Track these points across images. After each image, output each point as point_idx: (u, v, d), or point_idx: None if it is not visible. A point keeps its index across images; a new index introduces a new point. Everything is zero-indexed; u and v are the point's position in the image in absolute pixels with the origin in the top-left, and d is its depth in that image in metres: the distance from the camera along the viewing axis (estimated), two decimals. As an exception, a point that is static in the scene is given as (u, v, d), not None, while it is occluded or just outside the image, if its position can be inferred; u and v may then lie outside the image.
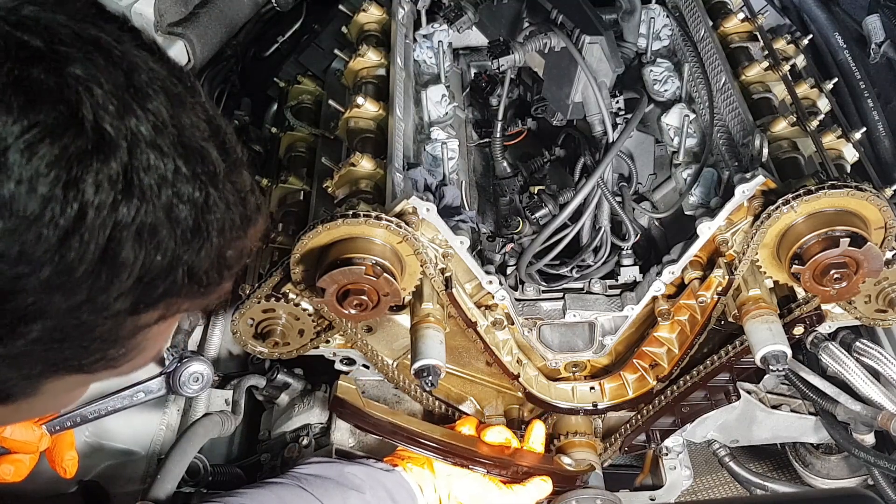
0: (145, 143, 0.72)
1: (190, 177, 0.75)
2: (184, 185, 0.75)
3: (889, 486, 2.00)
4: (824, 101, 2.03)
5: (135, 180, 0.71)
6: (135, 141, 0.72)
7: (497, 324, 1.80)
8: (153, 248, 0.74)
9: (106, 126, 0.70)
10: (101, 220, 0.70)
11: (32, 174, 0.67)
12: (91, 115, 0.70)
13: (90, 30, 0.74)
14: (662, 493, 2.10)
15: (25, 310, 0.71)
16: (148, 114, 0.73)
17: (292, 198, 1.96)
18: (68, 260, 0.70)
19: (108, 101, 0.71)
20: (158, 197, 0.73)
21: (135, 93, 0.73)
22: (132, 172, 0.71)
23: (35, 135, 0.67)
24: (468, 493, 1.66)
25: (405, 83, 1.98)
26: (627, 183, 1.99)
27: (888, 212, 1.57)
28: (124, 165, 0.71)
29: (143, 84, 0.74)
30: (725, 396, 1.94)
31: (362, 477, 1.59)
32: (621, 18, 2.13)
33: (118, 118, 0.71)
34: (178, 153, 0.74)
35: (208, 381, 1.61)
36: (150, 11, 2.11)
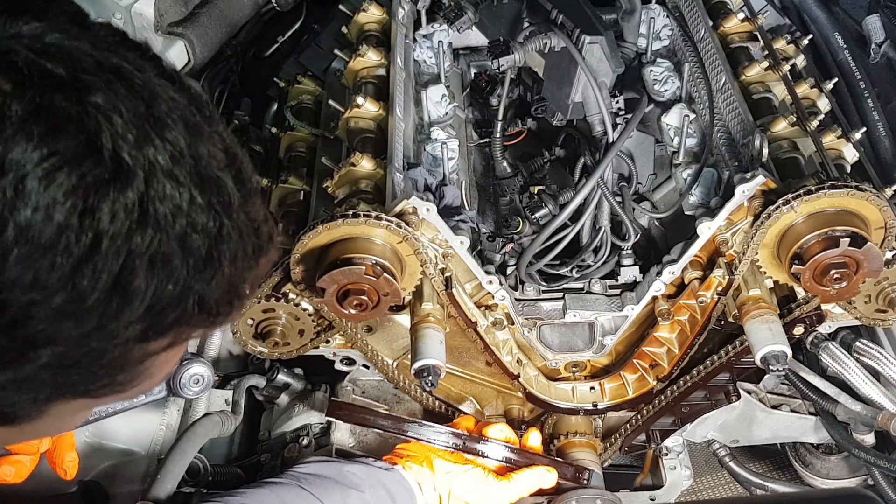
0: (162, 172, 0.73)
1: (205, 207, 0.75)
2: (198, 215, 0.75)
3: (889, 486, 2.00)
4: (824, 101, 2.03)
5: (150, 210, 0.72)
6: (152, 170, 0.72)
7: (497, 324, 1.80)
8: (165, 278, 0.74)
9: (124, 155, 0.71)
10: (115, 248, 0.70)
11: (49, 202, 0.68)
12: (110, 143, 0.70)
13: (112, 58, 0.75)
14: (662, 493, 2.10)
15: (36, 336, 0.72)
16: (166, 143, 0.74)
17: (292, 198, 1.96)
18: (81, 288, 0.70)
19: (128, 131, 0.71)
20: (173, 226, 0.73)
21: (154, 122, 0.74)
22: (148, 202, 0.72)
23: (54, 163, 0.68)
24: (468, 489, 1.65)
25: (405, 83, 1.98)
26: (627, 183, 1.99)
27: (888, 212, 1.57)
28: (140, 195, 0.71)
29: (162, 113, 0.75)
30: (725, 396, 1.95)
31: (361, 476, 1.59)
32: (621, 18, 2.13)
33: (136, 147, 0.71)
34: (195, 183, 0.75)
35: (209, 383, 1.61)
36: (150, 11, 2.11)
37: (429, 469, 1.65)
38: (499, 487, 1.67)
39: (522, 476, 1.68)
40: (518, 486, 1.68)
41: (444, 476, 1.66)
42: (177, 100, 0.77)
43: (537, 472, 1.69)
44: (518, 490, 1.68)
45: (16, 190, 0.67)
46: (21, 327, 0.71)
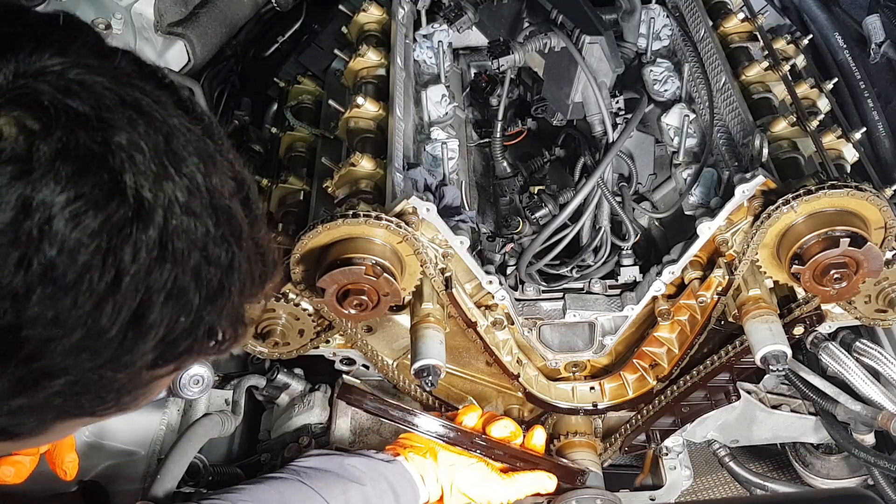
0: (180, 207, 0.74)
1: (219, 238, 0.77)
2: (213, 248, 0.76)
3: (889, 486, 1.99)
4: (824, 101, 2.03)
5: (169, 245, 0.73)
6: (170, 206, 0.73)
7: (497, 324, 1.80)
8: (179, 310, 0.76)
9: (145, 193, 0.72)
10: (135, 285, 0.72)
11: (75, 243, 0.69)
12: (133, 183, 0.71)
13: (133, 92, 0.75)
14: (662, 493, 2.10)
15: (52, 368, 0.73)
16: (183, 178, 0.75)
17: (292, 198, 1.96)
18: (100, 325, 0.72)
19: (149, 168, 0.72)
20: (189, 260, 0.75)
21: (172, 157, 0.75)
22: (167, 238, 0.73)
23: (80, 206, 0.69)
24: (471, 483, 1.64)
25: (405, 83, 1.98)
26: (627, 183, 1.99)
27: (888, 212, 1.57)
28: (160, 231, 0.72)
29: (179, 147, 0.76)
30: (725, 396, 1.95)
31: (362, 469, 1.58)
32: (621, 18, 2.13)
33: (156, 184, 0.73)
34: (209, 215, 0.76)
35: (209, 384, 1.61)
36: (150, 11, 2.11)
37: (432, 460, 1.64)
38: (501, 484, 1.66)
39: (525, 477, 1.68)
40: (520, 486, 1.68)
41: (447, 468, 1.65)
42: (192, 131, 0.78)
43: (539, 476, 1.69)
44: (519, 489, 1.68)
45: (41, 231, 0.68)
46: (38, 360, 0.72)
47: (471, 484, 1.65)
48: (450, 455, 1.65)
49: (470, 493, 1.65)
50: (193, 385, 1.60)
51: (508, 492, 1.67)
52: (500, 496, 1.67)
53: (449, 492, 1.65)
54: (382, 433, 1.96)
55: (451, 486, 1.64)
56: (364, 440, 1.95)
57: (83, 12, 2.04)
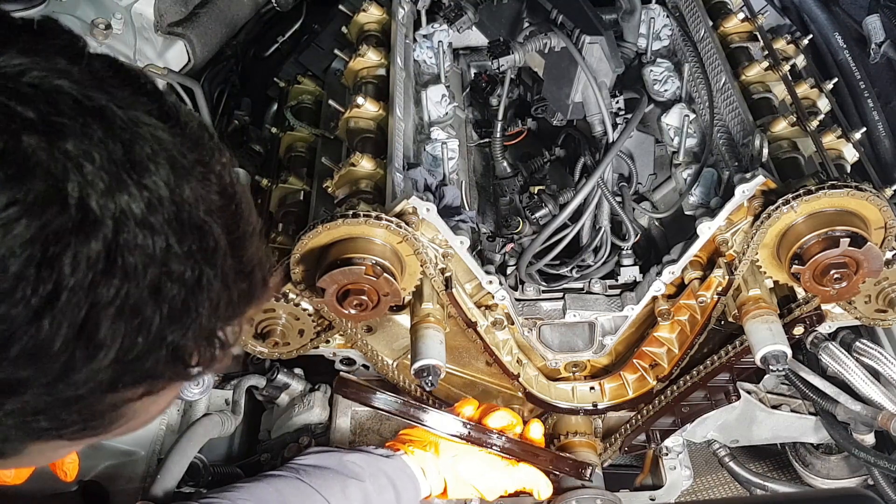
0: (135, 221, 0.70)
1: (182, 255, 0.73)
2: (175, 264, 0.72)
3: (889, 486, 1.99)
4: (824, 101, 2.03)
5: (118, 259, 0.69)
6: (123, 219, 0.69)
7: (497, 324, 1.80)
8: (135, 328, 0.72)
9: (92, 204, 0.68)
10: (76, 299, 0.68)
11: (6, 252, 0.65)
12: (77, 192, 0.67)
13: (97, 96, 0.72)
14: (662, 493, 2.10)
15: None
16: (143, 190, 0.71)
17: (292, 198, 1.96)
18: (40, 338, 0.68)
19: (98, 178, 0.68)
20: (144, 276, 0.70)
21: (132, 167, 0.70)
22: (116, 252, 0.69)
23: (13, 212, 0.65)
24: (474, 472, 1.64)
25: (405, 83, 1.98)
26: (627, 183, 1.99)
27: (888, 212, 1.57)
28: (108, 244, 0.68)
29: (143, 157, 0.71)
30: (725, 396, 1.95)
31: (362, 464, 1.58)
32: (621, 18, 2.13)
33: (107, 195, 0.68)
34: (173, 230, 0.72)
35: (209, 385, 1.62)
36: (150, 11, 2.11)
37: (433, 453, 1.64)
38: (504, 473, 1.65)
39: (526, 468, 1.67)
40: (523, 475, 1.67)
41: (449, 459, 1.64)
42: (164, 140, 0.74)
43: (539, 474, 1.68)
44: (522, 479, 1.67)
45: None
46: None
47: (474, 474, 1.64)
48: (451, 446, 1.65)
49: (473, 482, 1.65)
50: (194, 386, 1.60)
51: (512, 480, 1.67)
52: (503, 484, 1.66)
53: (453, 483, 1.64)
54: (383, 433, 1.96)
55: (453, 478, 1.64)
56: (364, 439, 1.95)
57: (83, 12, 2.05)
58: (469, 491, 1.67)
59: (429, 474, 1.63)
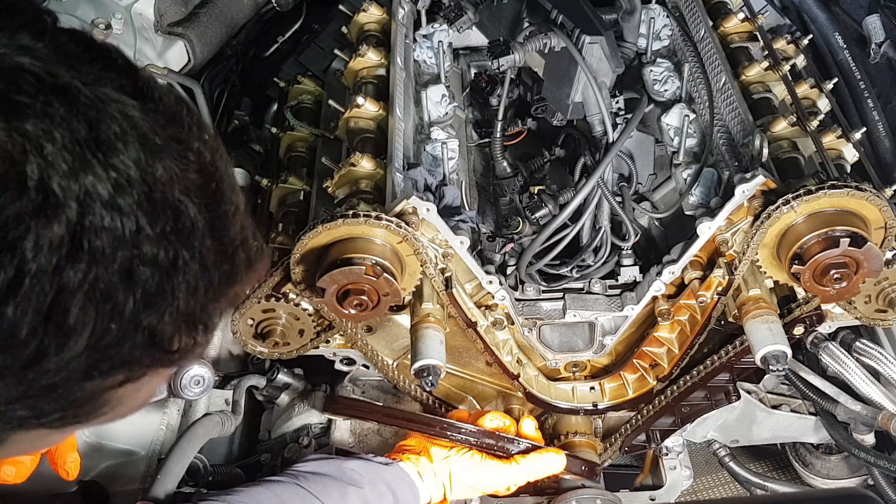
0: (101, 203, 0.67)
1: (155, 237, 0.70)
2: (147, 246, 0.70)
3: (889, 486, 1.99)
4: (824, 101, 2.03)
5: (84, 243, 0.66)
6: (88, 201, 0.66)
7: (497, 324, 1.80)
8: (106, 313, 0.69)
9: (53, 186, 0.65)
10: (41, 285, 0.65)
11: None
12: (36, 174, 0.65)
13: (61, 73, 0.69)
14: (662, 493, 2.10)
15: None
16: (109, 170, 0.68)
17: (292, 198, 1.96)
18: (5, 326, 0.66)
19: (60, 159, 0.66)
20: (113, 260, 0.68)
21: (97, 146, 0.68)
22: (81, 235, 0.66)
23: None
24: (470, 472, 1.64)
25: (405, 83, 1.98)
26: (627, 183, 1.99)
27: (888, 212, 1.57)
28: (72, 227, 0.66)
29: (110, 136, 0.69)
30: (725, 396, 1.94)
31: (361, 472, 1.58)
32: (621, 18, 2.13)
33: (70, 177, 0.66)
34: (144, 211, 0.69)
35: (209, 385, 1.61)
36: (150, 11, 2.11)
37: (426, 459, 1.64)
38: (500, 469, 1.65)
39: (528, 459, 1.66)
40: (523, 469, 1.65)
41: (443, 462, 1.64)
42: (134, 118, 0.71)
43: (546, 456, 1.67)
44: (523, 473, 1.66)
45: None
46: None
47: (468, 473, 1.64)
48: (441, 449, 1.65)
49: (469, 481, 1.64)
50: (194, 385, 1.60)
51: (510, 475, 1.65)
52: (501, 480, 1.65)
53: (450, 484, 1.64)
54: (383, 433, 1.96)
55: (449, 479, 1.64)
56: (364, 441, 1.95)
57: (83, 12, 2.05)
58: (471, 493, 1.67)
59: (426, 478, 1.63)
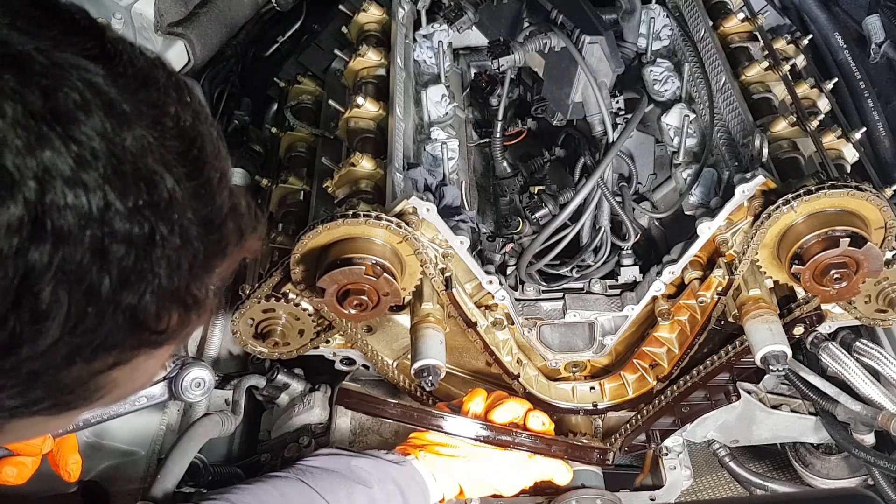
0: (62, 179, 0.63)
1: (127, 212, 0.66)
2: (118, 223, 0.65)
3: (889, 486, 1.99)
4: (824, 101, 2.03)
5: (47, 222, 0.63)
6: (46, 178, 0.62)
7: (497, 324, 1.80)
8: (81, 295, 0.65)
9: (7, 164, 0.61)
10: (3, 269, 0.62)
11: None
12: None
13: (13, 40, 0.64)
14: (662, 493, 2.10)
15: None
16: (70, 143, 0.63)
17: (292, 198, 1.96)
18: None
19: (12, 134, 0.61)
20: (81, 238, 0.64)
21: (54, 118, 0.63)
22: (43, 214, 0.62)
23: None
24: (489, 472, 1.62)
25: (405, 83, 1.98)
26: (627, 183, 1.99)
27: (888, 212, 1.57)
28: (31, 207, 0.62)
29: (70, 106, 0.64)
30: (725, 396, 1.94)
31: (370, 470, 1.55)
32: (621, 18, 2.13)
33: (25, 153, 0.62)
34: (112, 185, 0.65)
35: (210, 387, 1.61)
36: (150, 11, 2.11)
37: (444, 457, 1.62)
38: (520, 468, 1.64)
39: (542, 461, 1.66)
40: (539, 469, 1.65)
41: (461, 462, 1.62)
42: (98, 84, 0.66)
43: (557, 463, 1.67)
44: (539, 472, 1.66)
45: None
46: None
47: (489, 474, 1.63)
48: (463, 447, 1.63)
49: (490, 482, 1.63)
50: (195, 388, 1.60)
51: (528, 474, 1.65)
52: (519, 481, 1.65)
53: (468, 485, 1.63)
54: (382, 433, 1.96)
55: (467, 480, 1.63)
56: (364, 440, 1.95)
57: (83, 12, 2.04)
58: (487, 491, 1.65)
59: (441, 479, 1.61)
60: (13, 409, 0.72)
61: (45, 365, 0.68)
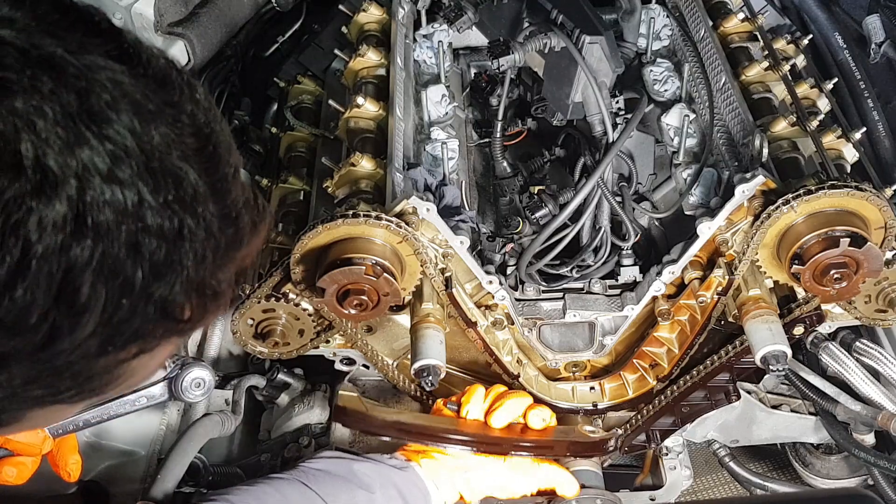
0: (100, 176, 0.65)
1: (158, 207, 0.68)
2: (151, 217, 0.68)
3: (889, 486, 1.99)
4: (824, 101, 2.03)
5: (88, 219, 0.65)
6: (86, 176, 0.65)
7: (497, 324, 1.80)
8: (117, 288, 0.68)
9: (50, 163, 0.63)
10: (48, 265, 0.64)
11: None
12: (32, 152, 0.63)
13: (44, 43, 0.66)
14: (662, 493, 2.10)
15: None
16: (105, 142, 0.66)
17: (292, 198, 1.96)
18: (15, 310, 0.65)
19: (54, 134, 0.64)
20: (119, 234, 0.66)
21: (90, 118, 0.66)
22: (84, 211, 0.65)
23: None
24: (489, 482, 1.62)
25: (405, 83, 1.98)
26: (627, 183, 1.99)
27: (888, 212, 1.57)
28: (73, 204, 0.64)
29: (102, 106, 0.67)
30: (725, 396, 1.94)
31: (372, 475, 1.54)
32: (621, 18, 2.13)
33: (65, 152, 0.64)
34: (145, 181, 0.68)
35: (210, 387, 1.61)
36: (150, 11, 2.11)
37: (446, 463, 1.61)
38: (523, 475, 1.63)
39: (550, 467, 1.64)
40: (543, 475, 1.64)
41: (462, 471, 1.62)
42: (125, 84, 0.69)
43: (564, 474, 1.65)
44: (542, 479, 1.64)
45: None
46: None
47: (489, 481, 1.62)
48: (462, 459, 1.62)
49: (490, 492, 1.62)
50: (195, 388, 1.60)
51: (533, 482, 1.64)
52: (522, 489, 1.64)
53: (469, 493, 1.62)
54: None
55: (468, 487, 1.62)
56: (364, 440, 1.95)
57: (83, 12, 2.04)
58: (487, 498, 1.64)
59: (443, 487, 1.60)
60: (38, 398, 0.74)
61: (77, 357, 0.70)
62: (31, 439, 1.40)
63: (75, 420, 1.47)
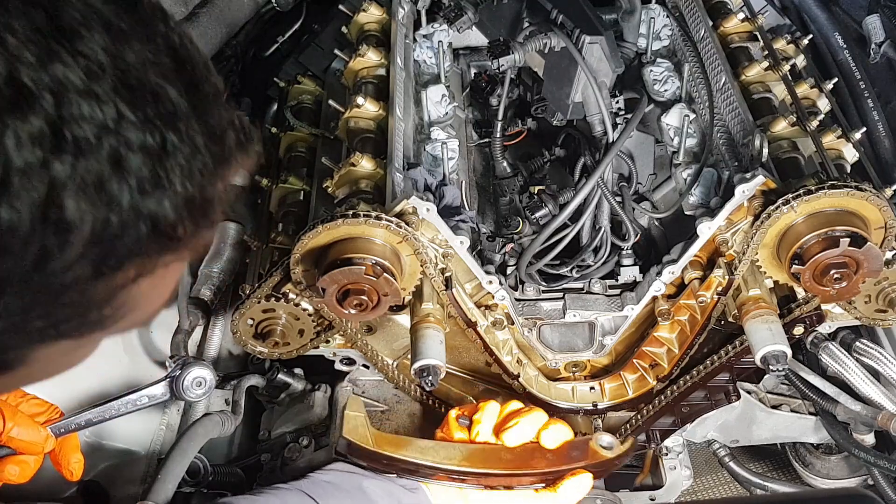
0: (76, 91, 0.66)
1: (138, 122, 0.68)
2: (132, 132, 0.68)
3: (889, 486, 2.00)
4: (824, 101, 2.03)
5: (66, 134, 0.65)
6: (62, 91, 0.65)
7: (497, 324, 1.80)
8: (103, 205, 0.68)
9: (23, 79, 0.64)
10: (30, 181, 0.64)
11: None
12: (4, 68, 0.63)
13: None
14: (662, 493, 2.10)
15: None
16: (79, 57, 0.66)
17: (292, 198, 1.96)
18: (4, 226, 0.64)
19: (24, 50, 0.64)
20: (99, 148, 0.66)
21: (61, 34, 0.66)
22: (62, 125, 0.65)
23: None
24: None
25: (405, 83, 1.98)
26: (627, 183, 1.99)
27: (888, 212, 1.57)
28: (51, 119, 0.64)
29: (72, 23, 0.67)
30: (725, 396, 1.95)
31: (381, 493, 1.52)
32: (621, 18, 2.13)
33: (38, 68, 0.64)
34: (122, 97, 0.68)
35: (211, 386, 1.61)
36: (150, 11, 2.11)
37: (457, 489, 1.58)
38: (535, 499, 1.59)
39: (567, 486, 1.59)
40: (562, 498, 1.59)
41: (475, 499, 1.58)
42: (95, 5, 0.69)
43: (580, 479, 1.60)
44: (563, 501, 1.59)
45: None
46: None
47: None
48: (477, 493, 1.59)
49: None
50: (196, 387, 1.60)
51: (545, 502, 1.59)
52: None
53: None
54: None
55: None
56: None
57: (83, 12, 2.04)
58: None
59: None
60: (40, 331, 0.73)
61: (72, 278, 0.70)
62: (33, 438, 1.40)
63: (76, 419, 1.48)
